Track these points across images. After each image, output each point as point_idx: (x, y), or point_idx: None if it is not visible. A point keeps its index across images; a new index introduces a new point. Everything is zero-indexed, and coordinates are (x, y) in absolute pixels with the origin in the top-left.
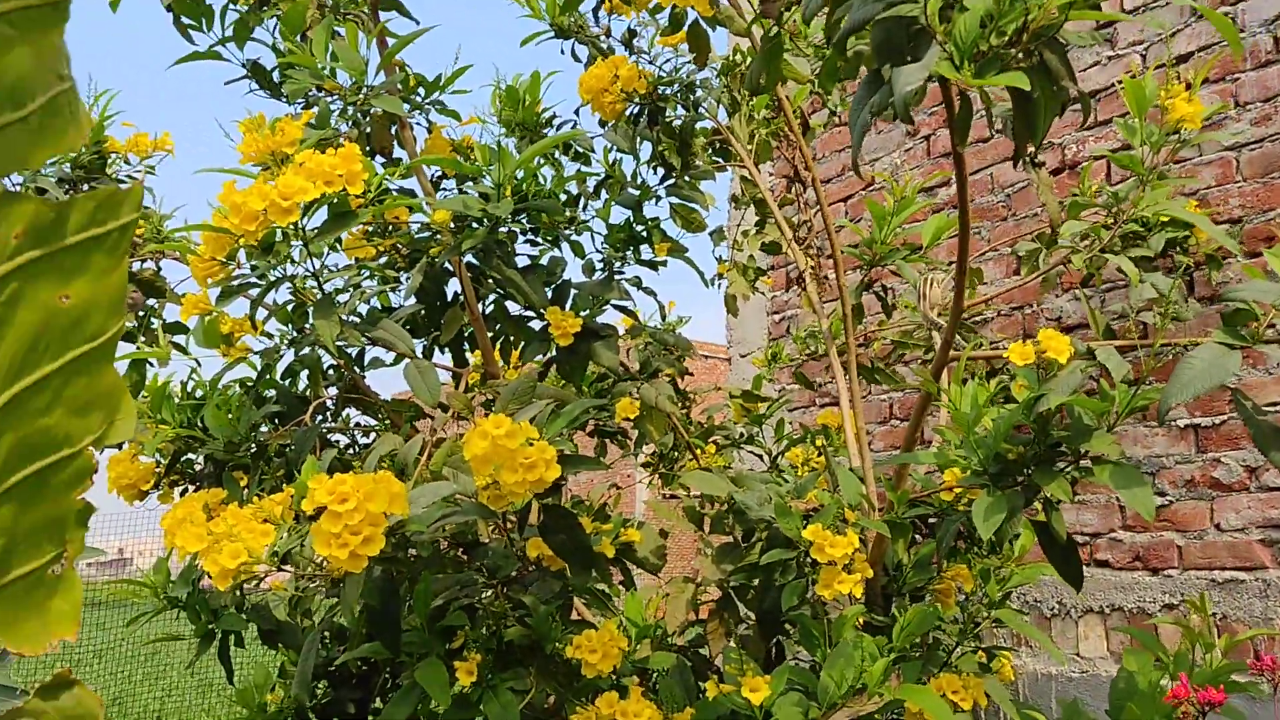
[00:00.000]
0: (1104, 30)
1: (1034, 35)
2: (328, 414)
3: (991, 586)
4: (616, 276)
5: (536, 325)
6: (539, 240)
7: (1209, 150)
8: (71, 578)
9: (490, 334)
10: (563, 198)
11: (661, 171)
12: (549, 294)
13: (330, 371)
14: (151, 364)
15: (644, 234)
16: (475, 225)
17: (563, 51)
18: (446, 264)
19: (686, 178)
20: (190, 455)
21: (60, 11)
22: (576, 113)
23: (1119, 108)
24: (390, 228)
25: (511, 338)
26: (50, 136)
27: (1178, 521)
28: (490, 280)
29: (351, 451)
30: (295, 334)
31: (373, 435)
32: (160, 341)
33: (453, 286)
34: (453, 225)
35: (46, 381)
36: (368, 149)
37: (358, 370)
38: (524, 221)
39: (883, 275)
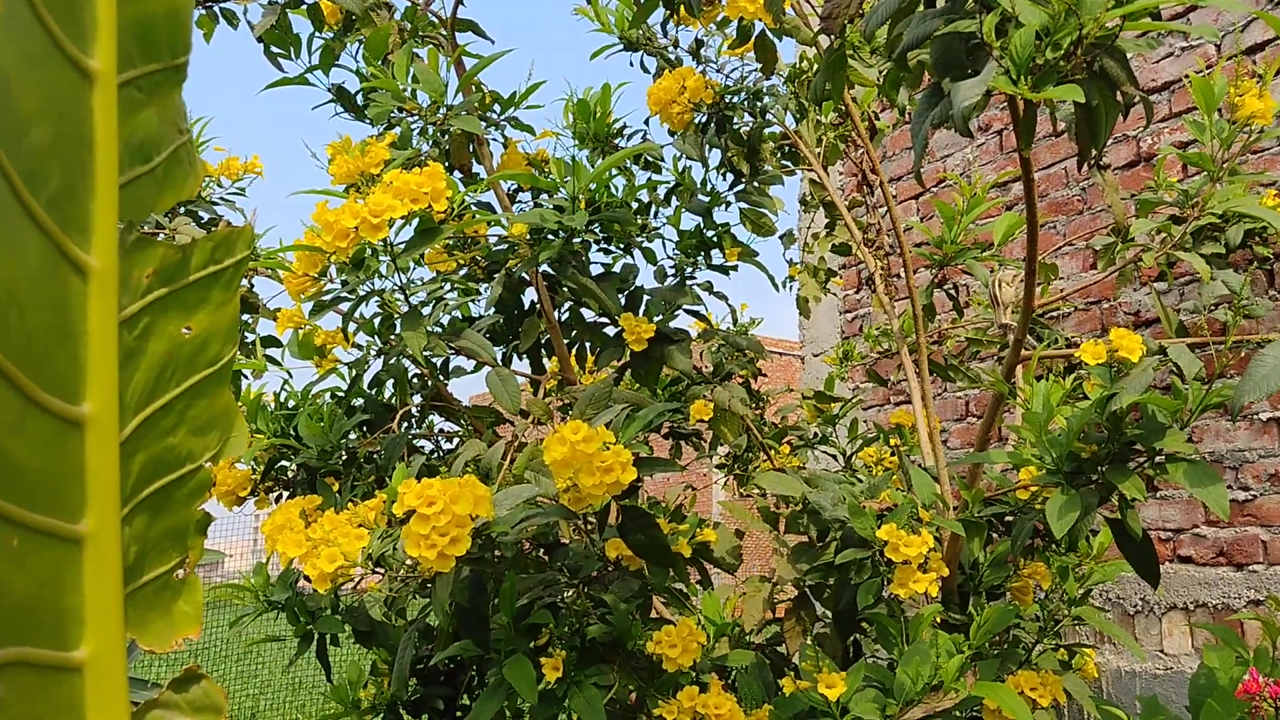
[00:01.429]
0: (1177, 21)
1: (1089, 48)
2: (413, 421)
3: (1070, 584)
4: (688, 282)
5: (611, 331)
6: (612, 248)
7: None
8: (193, 581)
9: (566, 341)
10: (634, 206)
11: (730, 178)
12: (622, 300)
13: (414, 380)
14: (246, 375)
15: (714, 239)
16: (551, 237)
17: (632, 63)
18: (523, 274)
19: (755, 183)
20: (284, 462)
21: (180, 73)
22: (646, 123)
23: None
24: (470, 241)
25: (587, 344)
26: (173, 185)
27: (1262, 516)
28: (566, 289)
29: (436, 456)
30: (382, 345)
31: (456, 440)
32: (256, 354)
33: (530, 296)
34: (529, 237)
35: (172, 404)
36: (447, 165)
37: (441, 378)
38: (597, 231)
39: (954, 273)
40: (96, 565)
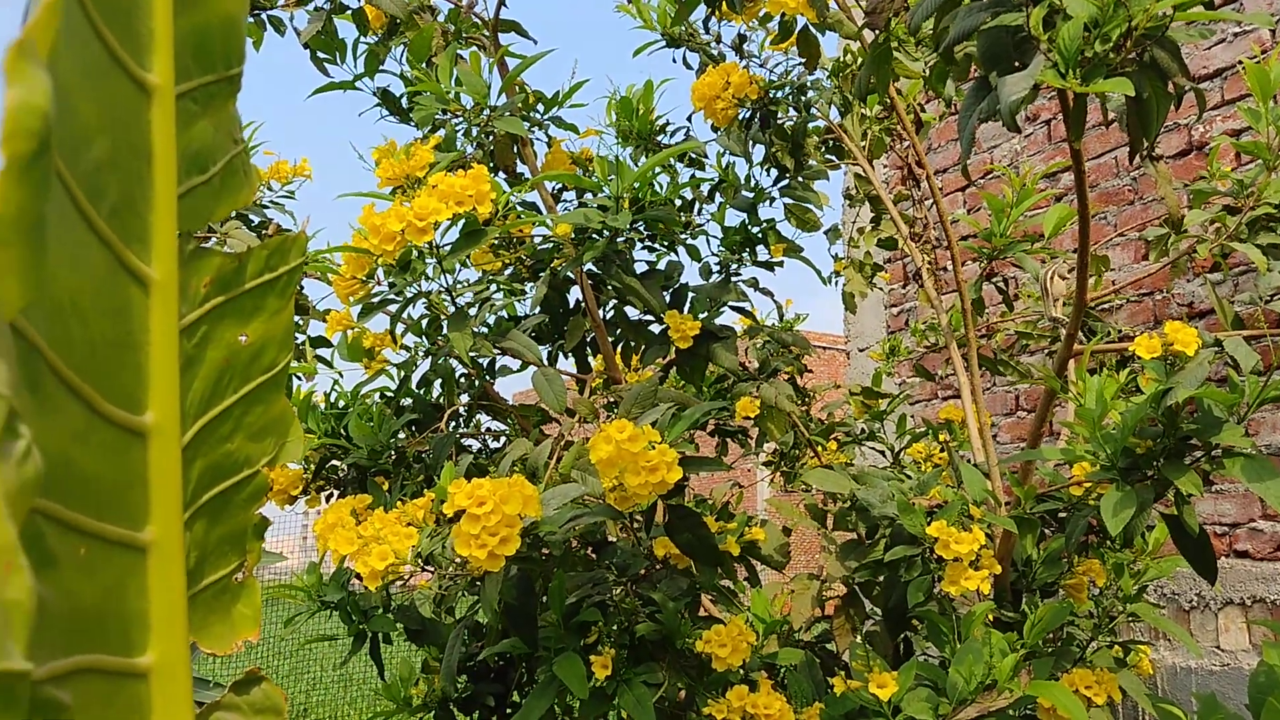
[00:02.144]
0: (1230, 8)
1: (1139, 39)
2: (461, 420)
3: (1125, 581)
4: (733, 278)
5: (656, 329)
6: (656, 246)
7: None
8: (252, 584)
9: (611, 339)
10: (678, 203)
11: (775, 173)
12: (667, 298)
13: (462, 380)
14: (298, 377)
15: (759, 235)
16: (595, 237)
17: (674, 60)
18: (569, 274)
19: (800, 178)
20: (335, 462)
21: (235, 83)
22: (689, 119)
23: (1247, 86)
24: (515, 241)
25: (632, 342)
26: (229, 194)
27: None
28: (610, 287)
29: (484, 455)
30: (430, 346)
31: (503, 439)
32: (306, 356)
33: (575, 295)
34: (574, 237)
35: (230, 411)
36: (491, 166)
37: (488, 378)
38: (641, 229)
39: (1003, 266)
40: (161, 571)
